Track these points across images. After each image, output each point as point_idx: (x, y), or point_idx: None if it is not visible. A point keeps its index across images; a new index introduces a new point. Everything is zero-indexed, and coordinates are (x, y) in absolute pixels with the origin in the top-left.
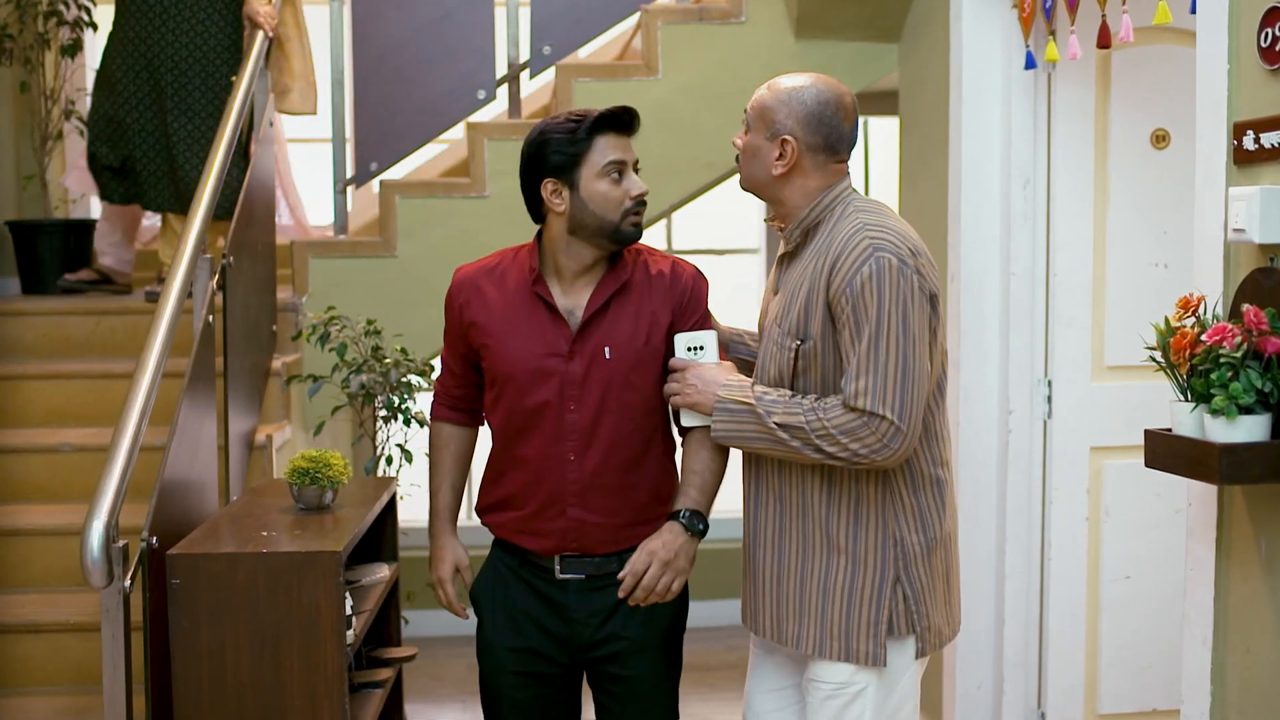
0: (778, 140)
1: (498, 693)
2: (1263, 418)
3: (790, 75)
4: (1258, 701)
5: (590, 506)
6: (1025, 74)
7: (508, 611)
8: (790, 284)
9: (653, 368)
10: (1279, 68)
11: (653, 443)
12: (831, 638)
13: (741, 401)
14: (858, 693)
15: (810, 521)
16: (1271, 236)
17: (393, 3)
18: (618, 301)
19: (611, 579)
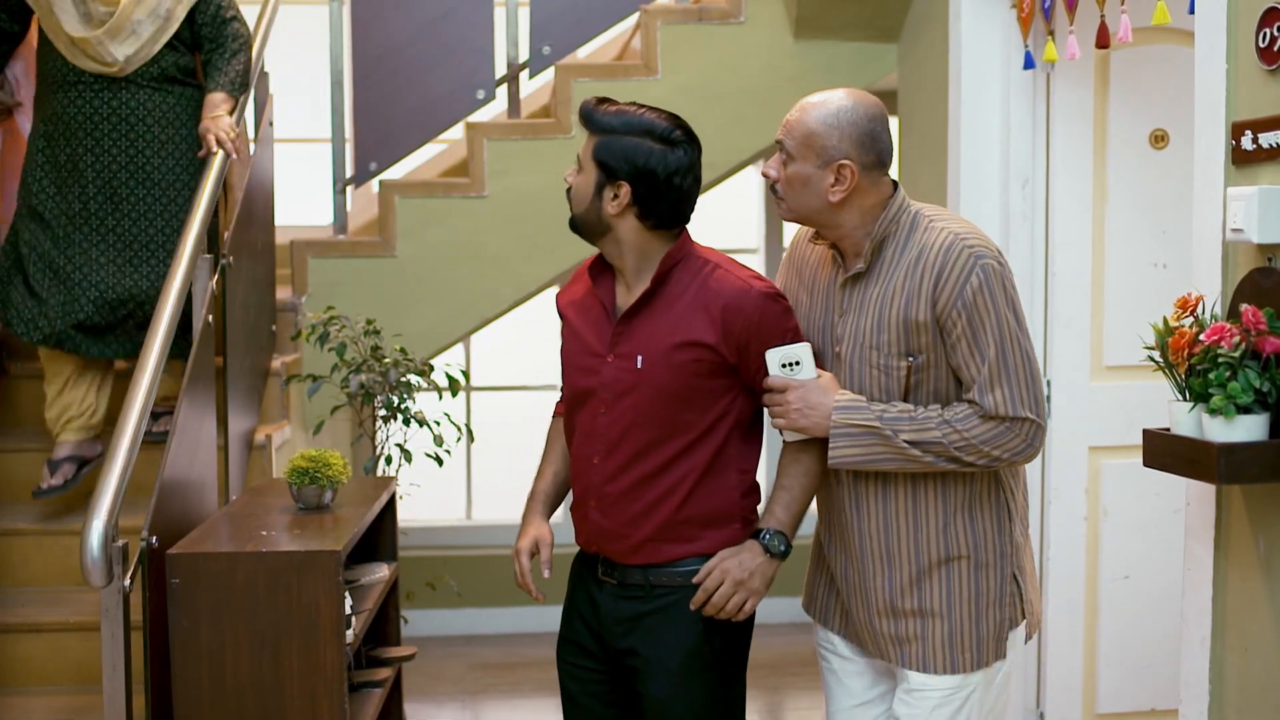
0: (833, 166)
1: (560, 677)
2: (1261, 417)
3: (822, 96)
4: (1256, 701)
5: (607, 514)
6: (1024, 74)
7: (570, 601)
8: (871, 303)
9: (688, 382)
10: (1277, 68)
11: (686, 458)
12: (961, 650)
13: (863, 425)
14: (968, 694)
15: (924, 536)
16: (1270, 236)
17: (392, 3)
18: (658, 308)
19: (639, 593)
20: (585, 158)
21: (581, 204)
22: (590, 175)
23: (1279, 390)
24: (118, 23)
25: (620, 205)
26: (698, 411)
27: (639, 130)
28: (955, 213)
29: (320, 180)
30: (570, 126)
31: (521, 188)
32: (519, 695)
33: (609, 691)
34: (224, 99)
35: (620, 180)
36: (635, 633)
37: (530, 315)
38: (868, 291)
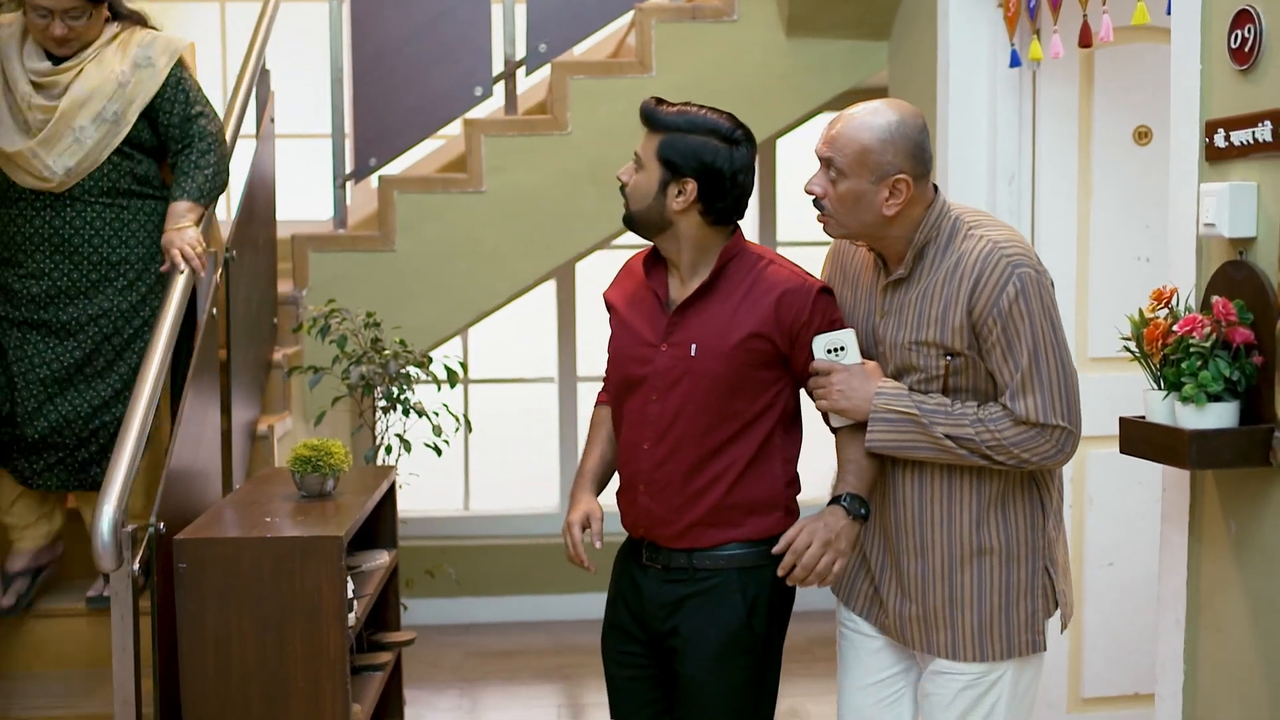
0: (888, 181)
1: (605, 663)
2: (1231, 405)
3: (867, 110)
4: (1228, 680)
5: (656, 498)
6: (1010, 72)
7: (616, 586)
8: (911, 306)
9: (740, 372)
10: (1248, 68)
11: (734, 446)
12: (991, 639)
13: (902, 412)
14: (996, 679)
15: (956, 529)
16: (1240, 231)
17: (391, 1)
18: (714, 300)
19: (682, 576)
20: (647, 156)
21: (643, 201)
22: (654, 173)
23: (1248, 379)
24: (55, 131)
25: (686, 202)
26: (747, 400)
27: (704, 129)
28: None
29: (320, 175)
30: (567, 123)
31: (519, 183)
32: (517, 682)
33: (653, 675)
34: (190, 207)
35: (686, 177)
36: (678, 614)
37: (527, 309)
38: (908, 295)
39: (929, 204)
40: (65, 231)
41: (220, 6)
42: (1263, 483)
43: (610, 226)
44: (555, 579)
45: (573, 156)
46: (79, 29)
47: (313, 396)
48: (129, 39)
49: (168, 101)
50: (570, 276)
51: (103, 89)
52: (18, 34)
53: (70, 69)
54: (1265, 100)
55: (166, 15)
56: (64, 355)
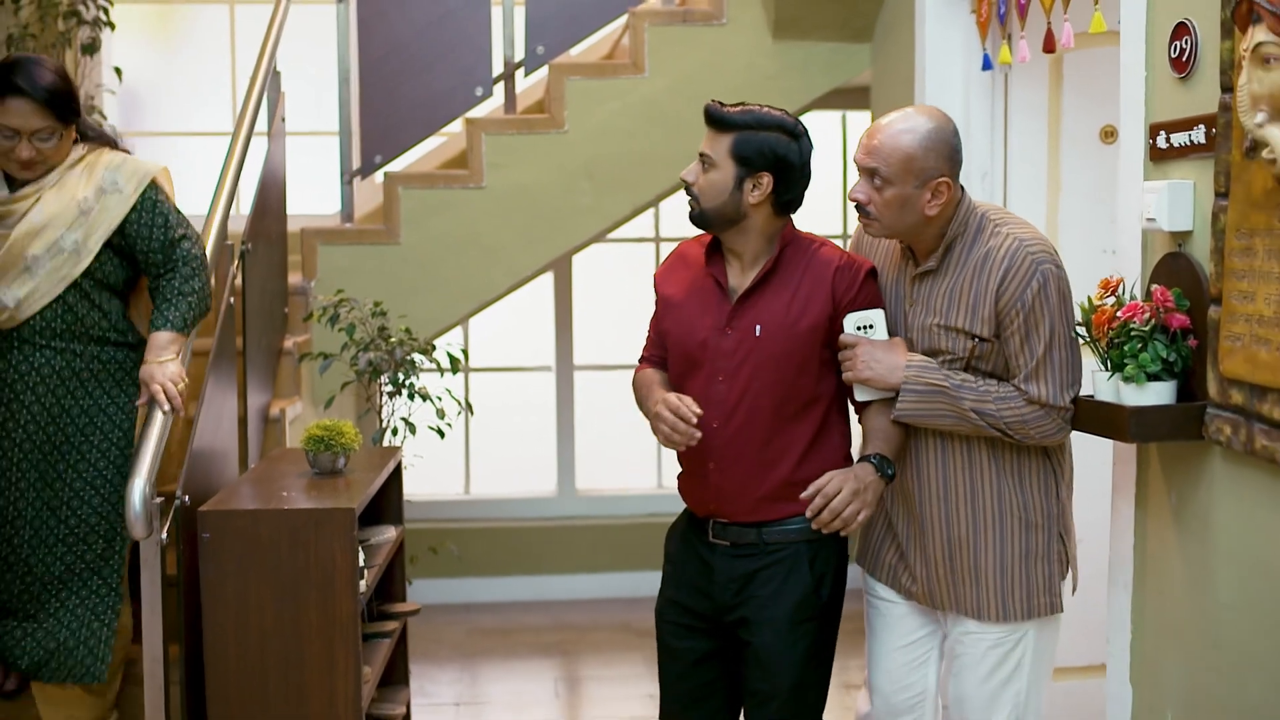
0: (930, 184)
1: (660, 637)
2: (1168, 384)
3: (903, 117)
4: (1169, 639)
5: (726, 473)
6: (983, 74)
7: (677, 564)
8: (940, 296)
9: (805, 351)
10: (1186, 76)
11: (799, 422)
12: (1013, 601)
13: (933, 383)
14: (1020, 638)
15: (980, 498)
16: (1179, 225)
17: (395, 4)
18: (775, 284)
19: (752, 551)
20: (720, 155)
21: (718, 198)
22: (728, 171)
23: (1184, 360)
24: (5, 260)
25: (761, 195)
26: (811, 379)
27: (772, 126)
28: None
29: (328, 171)
30: (563, 122)
31: (517, 179)
32: (515, 658)
33: (712, 647)
34: (172, 339)
35: (761, 172)
36: (749, 588)
37: (525, 300)
38: (937, 285)
39: (958, 202)
40: (9, 376)
41: (230, 8)
42: (1197, 455)
43: (605, 220)
44: (552, 560)
45: (569, 154)
46: (47, 151)
47: (322, 382)
48: (95, 162)
49: (145, 227)
50: (567, 269)
51: (62, 216)
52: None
53: (28, 196)
54: (1200, 105)
55: (176, 17)
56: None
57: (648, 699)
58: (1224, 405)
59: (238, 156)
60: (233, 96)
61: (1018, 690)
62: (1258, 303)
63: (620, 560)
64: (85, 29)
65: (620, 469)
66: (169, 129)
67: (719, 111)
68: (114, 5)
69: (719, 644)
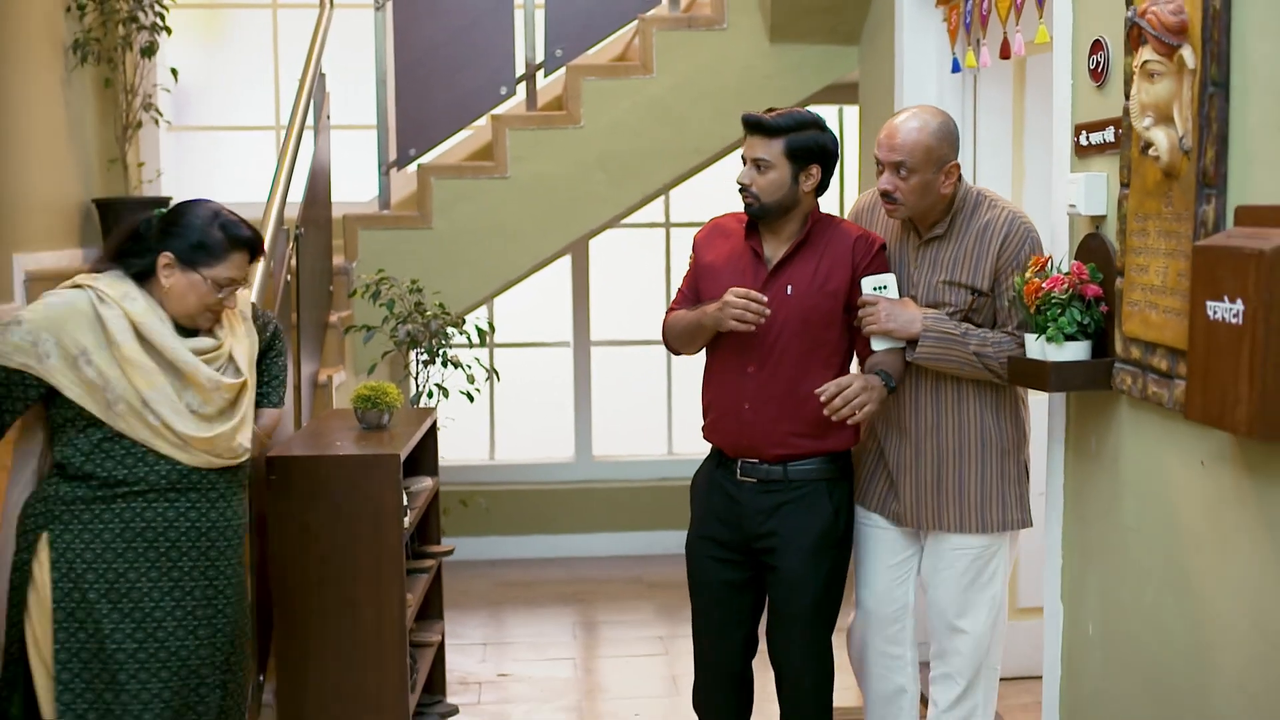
0: (945, 168)
1: (692, 572)
2: (1084, 344)
3: (914, 115)
4: (1090, 561)
5: (760, 412)
6: (955, 75)
7: (704, 504)
8: (947, 257)
9: (827, 308)
10: (1101, 84)
11: (822, 368)
12: (990, 515)
13: (946, 332)
14: (996, 551)
15: (965, 430)
16: (1094, 210)
17: (428, 11)
18: (805, 253)
19: (778, 486)
20: (774, 156)
21: (778, 192)
22: (784, 169)
23: (1097, 323)
24: (247, 408)
25: (813, 184)
26: (836, 332)
27: (809, 124)
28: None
29: (367, 163)
30: (580, 118)
31: (538, 171)
32: (537, 606)
33: (742, 576)
34: (276, 416)
35: (812, 164)
36: (775, 518)
37: (546, 280)
38: (943, 250)
39: (957, 180)
40: (220, 523)
41: (273, 11)
42: (1109, 403)
43: (617, 208)
44: (570, 521)
45: (585, 147)
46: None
47: (364, 351)
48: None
49: (266, 334)
50: (584, 251)
51: (250, 355)
52: (152, 310)
53: (222, 342)
54: (1110, 110)
55: (223, 20)
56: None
57: (656, 640)
58: (1126, 360)
59: (291, 151)
60: (275, 92)
61: (993, 594)
62: (1150, 274)
63: (633, 521)
64: (144, 34)
65: (634, 437)
66: (216, 123)
67: (767, 120)
68: (169, 11)
69: (745, 573)
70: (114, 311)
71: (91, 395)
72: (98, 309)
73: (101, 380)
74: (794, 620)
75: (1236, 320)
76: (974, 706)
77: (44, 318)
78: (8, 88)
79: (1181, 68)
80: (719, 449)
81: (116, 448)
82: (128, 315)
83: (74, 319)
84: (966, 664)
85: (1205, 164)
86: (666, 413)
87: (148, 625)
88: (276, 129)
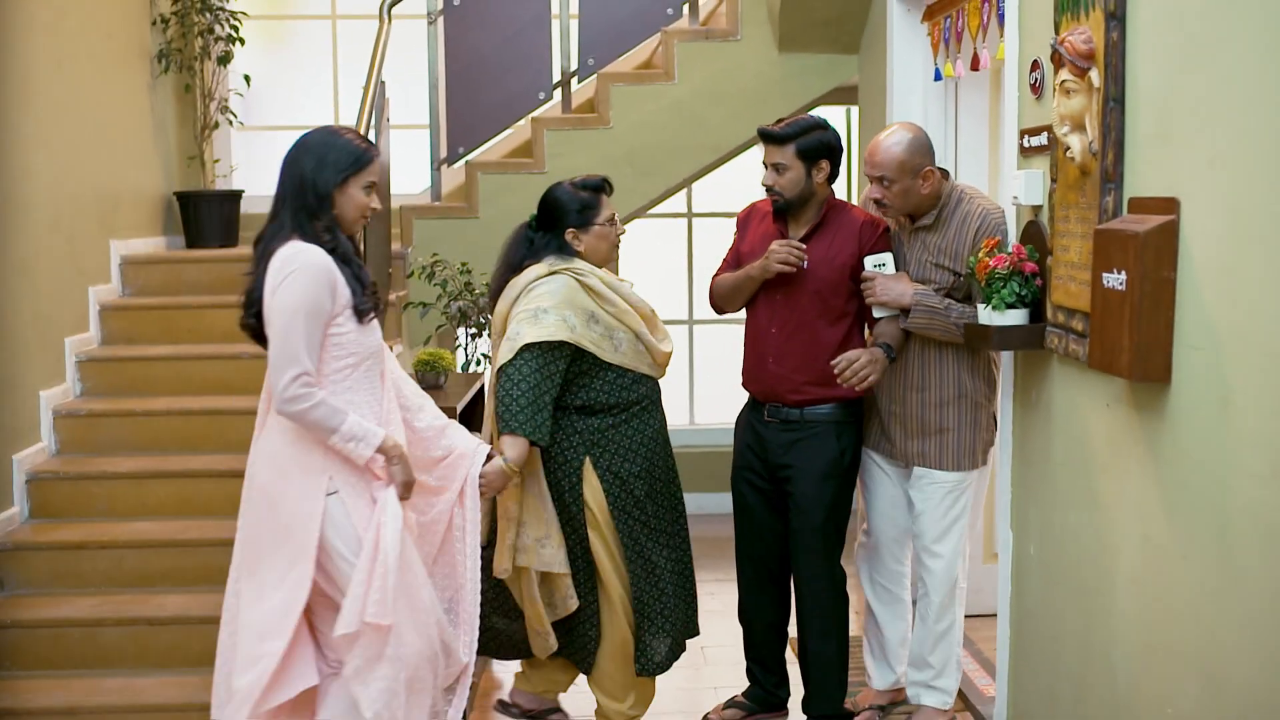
0: (921, 173)
1: (735, 495)
2: (1022, 311)
3: (888, 136)
4: (1032, 489)
5: (783, 364)
6: (938, 83)
7: (742, 440)
8: (934, 243)
9: (835, 279)
10: (1038, 96)
11: (832, 330)
12: (964, 456)
13: (932, 306)
14: (966, 486)
15: (946, 381)
16: (1033, 201)
17: (475, 25)
18: (820, 234)
19: (795, 425)
20: (788, 160)
21: (796, 188)
22: (798, 169)
23: (1033, 294)
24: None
25: (824, 176)
26: (843, 299)
27: (814, 128)
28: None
29: (420, 159)
30: (609, 119)
31: (572, 166)
32: None
33: (770, 499)
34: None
35: (821, 160)
36: (791, 452)
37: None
38: (931, 237)
39: (941, 181)
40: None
41: (332, 23)
42: (1043, 360)
43: (643, 199)
44: None
45: (614, 145)
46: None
47: (419, 326)
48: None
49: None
50: None
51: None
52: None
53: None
54: (1045, 118)
55: (284, 30)
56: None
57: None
58: (1055, 324)
59: None
60: (334, 94)
61: (964, 525)
62: (1071, 253)
63: None
64: (220, 44)
65: None
66: (281, 123)
67: (777, 131)
68: (242, 24)
69: (772, 497)
70: (594, 280)
71: (600, 344)
72: (583, 281)
73: (607, 330)
74: (806, 535)
75: (1122, 287)
76: (952, 621)
77: (560, 299)
78: (104, 93)
79: (1091, 86)
80: (752, 395)
81: (623, 378)
82: (603, 280)
83: (571, 294)
84: (942, 582)
85: (1107, 164)
86: (689, 387)
87: (673, 504)
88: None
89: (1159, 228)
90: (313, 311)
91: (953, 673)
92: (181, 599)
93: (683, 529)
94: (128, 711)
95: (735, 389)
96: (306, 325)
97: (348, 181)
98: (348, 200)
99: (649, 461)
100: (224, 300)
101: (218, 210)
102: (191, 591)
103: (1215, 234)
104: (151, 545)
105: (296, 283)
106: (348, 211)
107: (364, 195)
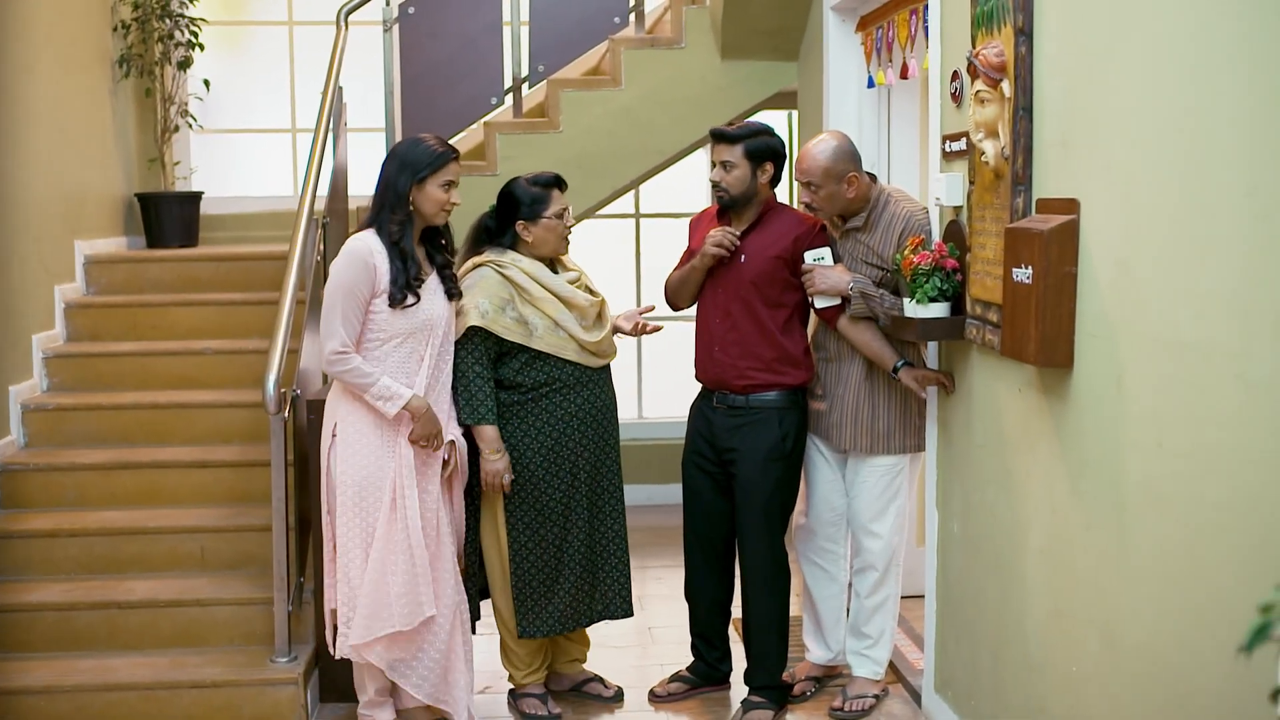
0: (845, 179)
1: (684, 479)
2: (944, 305)
3: (815, 144)
4: (955, 470)
5: (726, 352)
6: (872, 90)
7: (692, 426)
8: (862, 245)
9: (773, 271)
10: (959, 105)
11: (773, 319)
12: (895, 440)
13: (867, 293)
14: (901, 469)
15: (879, 374)
16: (954, 201)
17: (429, 32)
18: (758, 231)
19: (740, 411)
20: (736, 158)
21: (742, 186)
22: (745, 167)
23: (955, 289)
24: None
25: (768, 177)
26: (780, 290)
27: (760, 132)
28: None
29: (377, 162)
30: (559, 124)
31: (523, 168)
32: None
33: (717, 482)
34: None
35: (766, 162)
36: (736, 436)
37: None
38: (860, 236)
39: (869, 185)
40: (611, 402)
41: (289, 29)
42: (964, 349)
43: (591, 200)
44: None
45: (564, 148)
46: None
47: None
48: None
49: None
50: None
51: (588, 283)
52: (533, 263)
53: (579, 274)
54: (964, 125)
55: (242, 36)
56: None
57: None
58: (973, 316)
59: (318, 156)
60: (291, 98)
61: (899, 506)
62: (987, 250)
63: None
64: (180, 49)
65: None
66: (239, 126)
67: (729, 131)
68: (201, 30)
69: (719, 480)
70: (514, 271)
71: (512, 329)
72: (502, 273)
73: (521, 317)
74: (751, 515)
75: (1029, 281)
76: (888, 595)
77: (478, 290)
78: (68, 98)
79: (1003, 96)
80: (702, 383)
81: (538, 361)
82: (524, 271)
83: (488, 284)
84: (879, 559)
85: (1017, 168)
86: (637, 382)
87: (577, 483)
88: (292, 131)
89: (1061, 226)
90: (350, 292)
91: (886, 645)
92: (150, 584)
93: (607, 515)
94: (101, 690)
95: (682, 384)
96: (344, 303)
97: (425, 180)
98: (425, 197)
99: (555, 442)
100: (185, 298)
101: (178, 211)
102: (159, 576)
103: (1111, 232)
104: (120, 533)
105: (338, 267)
106: (426, 206)
107: (443, 192)
